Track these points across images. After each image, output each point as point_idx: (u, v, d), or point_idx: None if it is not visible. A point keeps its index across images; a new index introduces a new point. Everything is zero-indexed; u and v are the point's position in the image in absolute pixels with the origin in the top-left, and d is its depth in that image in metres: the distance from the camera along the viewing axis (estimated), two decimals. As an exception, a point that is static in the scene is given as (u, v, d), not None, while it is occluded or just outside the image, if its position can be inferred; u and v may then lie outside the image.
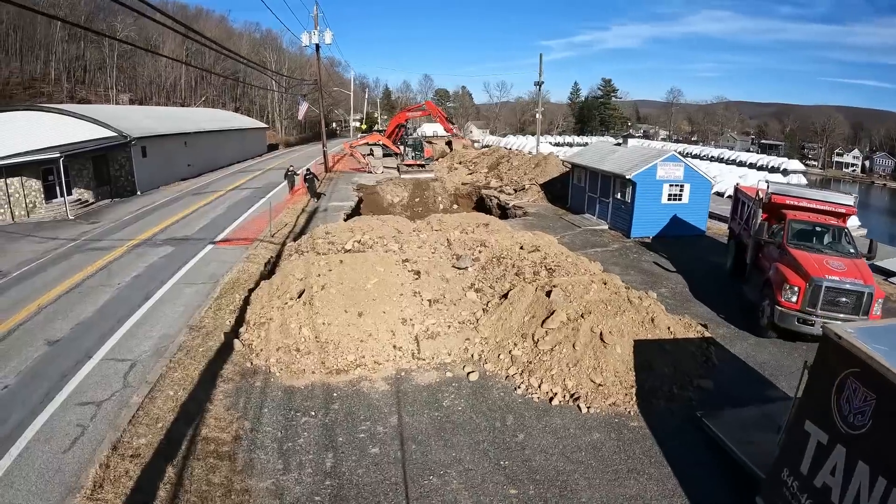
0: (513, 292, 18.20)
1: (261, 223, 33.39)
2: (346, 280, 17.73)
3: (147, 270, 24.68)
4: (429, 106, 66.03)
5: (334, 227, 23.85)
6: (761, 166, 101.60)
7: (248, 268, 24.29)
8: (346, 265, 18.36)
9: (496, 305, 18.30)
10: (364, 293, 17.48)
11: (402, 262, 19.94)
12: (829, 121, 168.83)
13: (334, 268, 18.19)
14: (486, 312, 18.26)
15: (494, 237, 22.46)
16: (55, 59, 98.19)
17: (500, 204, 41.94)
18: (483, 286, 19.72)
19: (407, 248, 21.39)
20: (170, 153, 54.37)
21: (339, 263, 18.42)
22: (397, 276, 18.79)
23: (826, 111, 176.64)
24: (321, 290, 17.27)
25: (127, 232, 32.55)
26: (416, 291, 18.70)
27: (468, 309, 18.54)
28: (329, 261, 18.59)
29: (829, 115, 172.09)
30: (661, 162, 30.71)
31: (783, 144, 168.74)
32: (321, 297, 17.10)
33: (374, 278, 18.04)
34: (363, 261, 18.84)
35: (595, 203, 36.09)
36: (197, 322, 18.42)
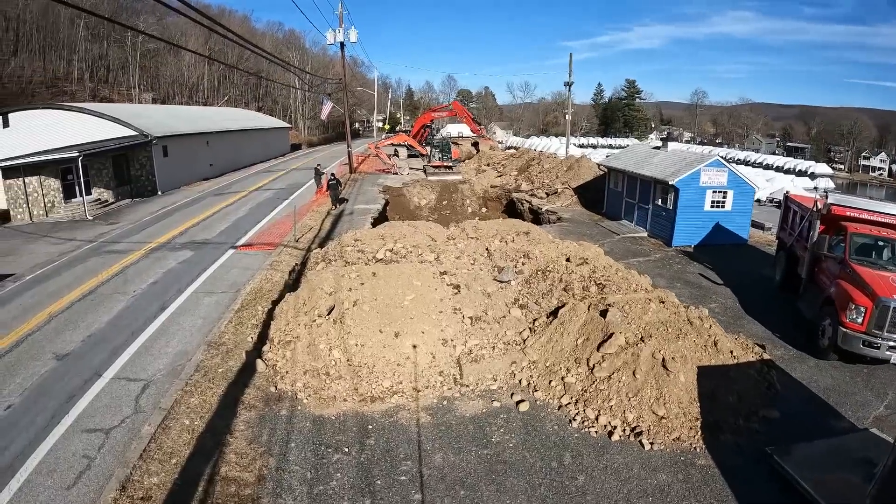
0: (563, 311, 16.47)
1: (284, 227, 31.88)
2: (380, 296, 16.08)
3: (164, 277, 23.19)
4: (455, 106, 64.26)
5: (364, 233, 22.23)
6: (788, 169, 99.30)
7: (271, 276, 22.73)
8: (379, 278, 16.71)
9: (544, 325, 16.61)
10: (400, 311, 15.82)
11: (440, 274, 18.28)
12: (855, 123, 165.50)
13: (367, 281, 16.54)
14: (534, 332, 16.56)
15: (538, 248, 20.73)
16: (78, 58, 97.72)
17: (532, 208, 40.18)
18: (528, 302, 18.04)
19: (444, 259, 19.72)
20: (191, 153, 53.21)
21: (371, 276, 16.76)
22: (435, 290, 17.12)
23: (852, 113, 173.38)
24: (353, 307, 15.62)
25: (145, 234, 31.19)
26: (457, 308, 17.02)
27: (513, 328, 16.84)
28: (361, 273, 16.95)
29: (855, 117, 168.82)
30: (704, 167, 28.89)
31: (809, 147, 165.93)
32: (353, 314, 15.45)
33: (411, 294, 16.38)
34: (398, 274, 17.16)
35: (633, 209, 34.29)
36: (216, 338, 16.84)
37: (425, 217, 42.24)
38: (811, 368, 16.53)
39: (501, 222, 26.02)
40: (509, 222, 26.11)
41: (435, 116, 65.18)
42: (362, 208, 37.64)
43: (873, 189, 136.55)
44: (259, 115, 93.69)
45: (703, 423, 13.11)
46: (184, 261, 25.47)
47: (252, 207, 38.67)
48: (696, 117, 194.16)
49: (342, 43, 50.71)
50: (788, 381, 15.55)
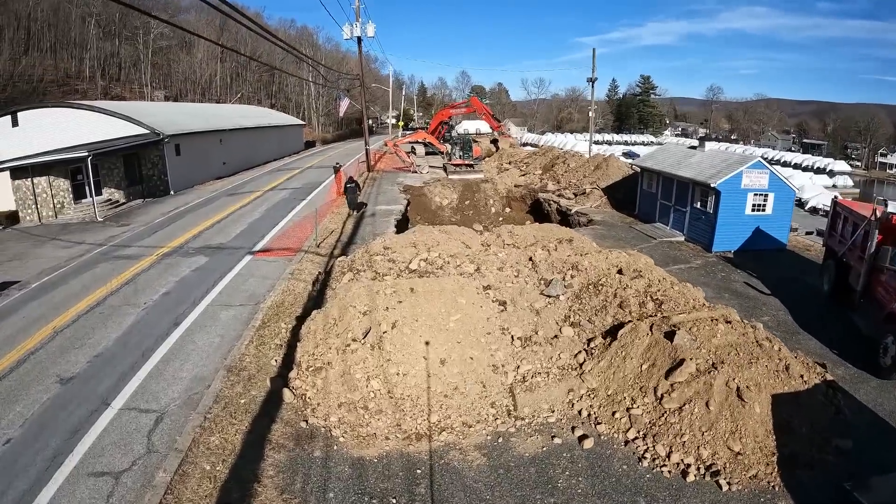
0: (624, 332, 14.71)
1: (303, 230, 30.16)
2: (421, 315, 14.31)
3: (177, 287, 21.49)
4: (474, 102, 62.22)
5: (394, 240, 20.43)
6: (806, 167, 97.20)
7: (293, 287, 20.94)
8: (419, 295, 14.94)
9: (602, 347, 14.87)
10: (445, 334, 14.07)
11: (484, 289, 16.53)
12: (872, 120, 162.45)
13: (405, 299, 14.76)
14: (591, 356, 14.82)
15: (587, 259, 18.85)
16: (89, 56, 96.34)
17: (561, 209, 38.30)
18: (580, 319, 16.28)
19: (486, 271, 17.95)
20: (204, 151, 51.57)
21: (409, 293, 14.99)
22: (481, 308, 15.38)
23: (868, 109, 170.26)
24: (393, 330, 13.87)
25: (157, 237, 29.55)
26: (504, 328, 15.30)
27: (567, 350, 15.10)
28: (397, 289, 15.17)
29: (873, 113, 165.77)
30: (746, 169, 27.13)
31: (825, 144, 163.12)
32: (393, 338, 13.70)
33: (456, 314, 14.63)
34: (439, 290, 15.39)
35: (669, 212, 32.47)
36: (236, 360, 15.08)
37: (447, 218, 40.47)
38: (874, 390, 15.03)
39: (538, 227, 24.20)
40: (546, 227, 24.30)
41: (453, 113, 63.19)
42: (384, 209, 35.85)
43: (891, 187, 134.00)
44: (272, 112, 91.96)
45: (779, 457, 11.73)
46: (198, 268, 23.78)
47: (268, 209, 36.96)
48: (711, 113, 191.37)
49: (359, 37, 48.91)
50: (854, 405, 14.07)
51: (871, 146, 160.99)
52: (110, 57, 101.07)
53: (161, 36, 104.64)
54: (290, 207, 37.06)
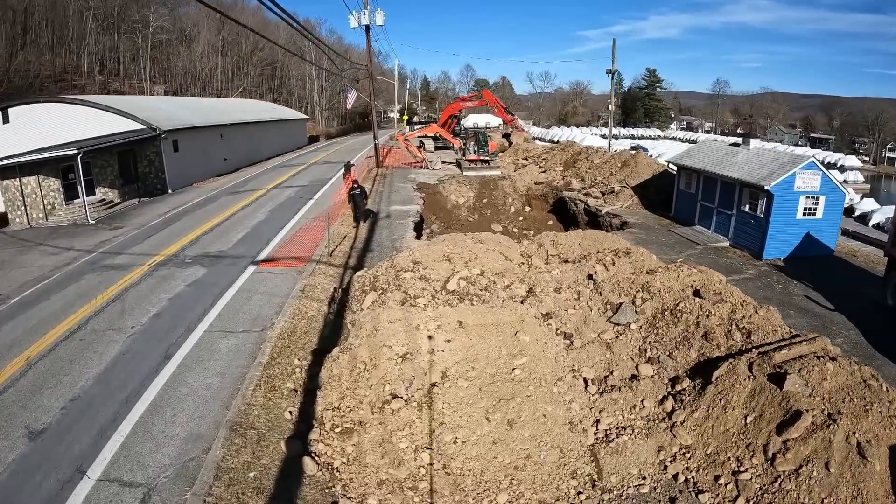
0: (720, 375, 11.84)
1: (313, 234, 27.09)
2: (477, 360, 11.34)
3: (170, 306, 18.39)
4: (485, 95, 58.89)
5: (424, 252, 17.30)
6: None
7: (305, 308, 17.76)
8: (470, 331, 11.95)
9: (693, 392, 12.00)
10: (510, 385, 11.12)
11: (544, 318, 13.53)
12: (881, 114, 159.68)
13: (453, 336, 11.78)
14: (680, 403, 11.97)
15: (658, 279, 15.82)
16: (87, 51, 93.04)
17: (589, 210, 35.16)
18: (658, 354, 13.41)
19: (542, 294, 15.00)
20: (204, 147, 48.36)
21: (458, 328, 11.98)
22: (545, 344, 12.44)
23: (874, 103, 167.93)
24: (444, 383, 10.87)
25: (151, 243, 26.50)
26: (574, 369, 12.44)
27: (651, 395, 12.25)
28: (442, 322, 12.18)
29: (882, 108, 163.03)
30: (799, 170, 24.73)
31: (833, 138, 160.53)
32: (446, 394, 10.76)
33: (521, 355, 11.67)
34: (494, 322, 12.41)
35: (711, 214, 29.69)
36: (241, 413, 11.96)
37: (464, 217, 37.43)
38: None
39: (582, 235, 21.16)
40: (591, 234, 21.26)
41: (464, 106, 59.77)
42: (399, 210, 32.73)
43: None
44: (275, 106, 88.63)
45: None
46: (194, 282, 20.68)
47: (272, 209, 33.86)
48: (718, 107, 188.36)
49: (367, 26, 45.72)
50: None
51: (880, 141, 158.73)
52: (109, 51, 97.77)
53: (160, 30, 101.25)
54: (297, 208, 33.97)
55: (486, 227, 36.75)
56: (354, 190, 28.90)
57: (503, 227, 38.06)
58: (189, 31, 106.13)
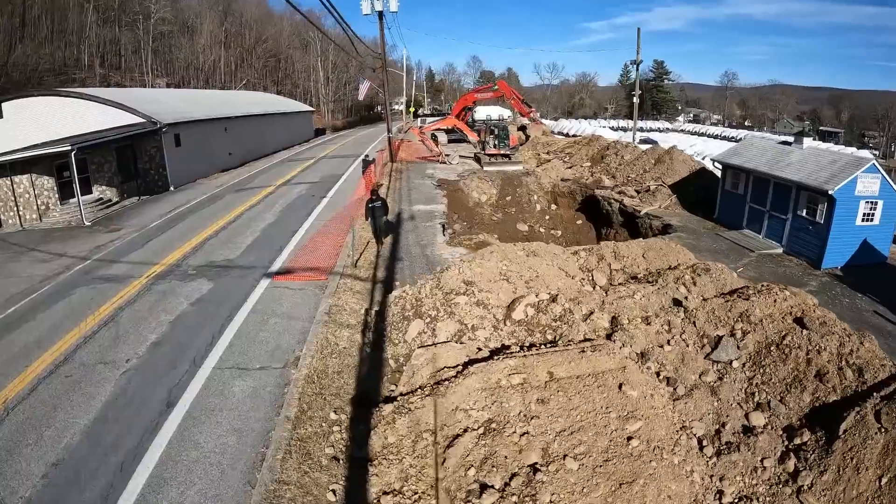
0: (848, 428, 9.27)
1: (331, 240, 24.15)
2: (584, 429, 8.58)
3: (172, 332, 15.44)
4: (501, 86, 55.69)
5: (476, 270, 14.38)
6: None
7: (334, 338, 14.71)
8: (564, 386, 9.22)
9: (817, 448, 9.56)
10: (629, 462, 8.48)
11: (640, 359, 10.64)
12: (891, 107, 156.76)
13: (547, 395, 8.94)
14: (804, 461, 9.66)
15: (758, 306, 12.93)
16: (87, 43, 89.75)
17: (625, 210, 32.12)
18: (768, 398, 11.09)
19: (628, 324, 12.21)
20: (207, 141, 45.31)
21: (548, 383, 9.17)
22: (652, 396, 9.66)
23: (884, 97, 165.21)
24: (547, 465, 7.96)
25: (151, 249, 23.57)
26: (685, 425, 9.54)
27: (770, 452, 10.22)
28: (528, 375, 9.32)
29: (891, 101, 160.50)
30: (861, 174, 22.74)
31: (842, 132, 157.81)
32: (552, 481, 7.81)
33: (634, 419, 9.11)
34: (591, 372, 9.75)
35: (762, 218, 27.07)
36: (270, 496, 8.98)
37: (487, 216, 34.37)
38: None
39: (646, 245, 18.30)
40: (655, 245, 18.41)
41: (479, 98, 56.61)
42: (423, 210, 29.72)
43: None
44: (280, 98, 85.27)
45: None
46: (199, 299, 17.70)
47: (283, 209, 30.87)
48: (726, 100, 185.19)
49: (380, 12, 42.65)
50: None
51: (890, 135, 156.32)
52: (110, 44, 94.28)
53: (162, 21, 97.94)
54: (310, 207, 30.99)
55: (511, 227, 33.92)
56: (374, 202, 23.35)
57: (529, 227, 35.15)
58: (191, 23, 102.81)
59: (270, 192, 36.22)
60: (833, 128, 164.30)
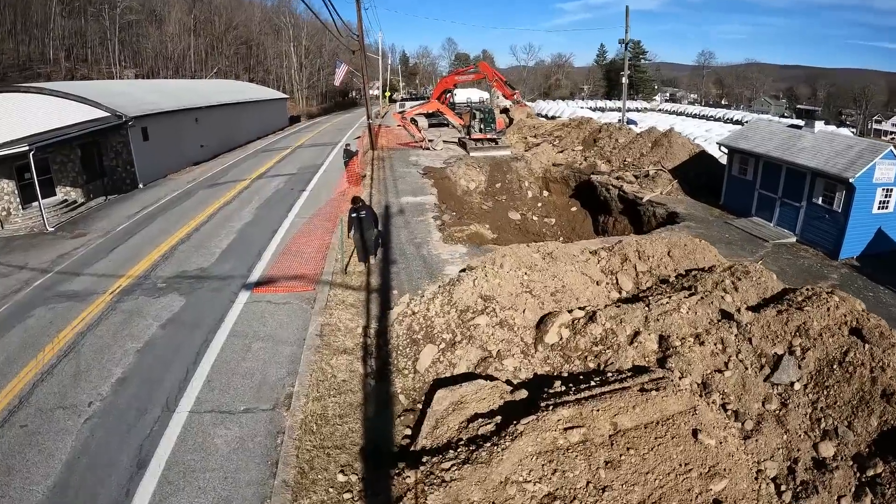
0: None
1: (315, 240, 22.01)
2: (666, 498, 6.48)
3: (140, 364, 13.22)
4: (483, 68, 53.22)
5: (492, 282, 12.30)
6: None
7: (330, 368, 12.53)
8: (633, 440, 7.41)
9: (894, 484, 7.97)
10: None
11: (702, 390, 9.13)
12: (868, 86, 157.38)
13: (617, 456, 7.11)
14: (882, 497, 8.58)
15: (814, 317, 11.16)
16: (52, 36, 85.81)
17: (625, 196, 30.11)
18: (835, 423, 9.78)
19: (681, 346, 10.49)
20: (177, 133, 42.48)
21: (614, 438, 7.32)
22: (726, 440, 7.94)
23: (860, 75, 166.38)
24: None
25: (117, 258, 21.19)
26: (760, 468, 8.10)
27: (846, 488, 8.94)
28: (588, 430, 7.43)
29: (868, 79, 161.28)
30: (880, 160, 21.52)
31: (819, 110, 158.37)
32: None
33: (716, 476, 7.69)
34: (659, 418, 7.94)
35: (773, 205, 25.57)
36: None
37: (477, 205, 32.28)
38: None
39: (670, 242, 16.35)
40: (679, 242, 16.46)
41: (459, 80, 54.12)
42: (412, 203, 27.54)
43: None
44: (253, 86, 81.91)
45: None
46: (170, 320, 15.46)
47: (260, 206, 28.56)
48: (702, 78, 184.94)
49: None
50: None
51: (867, 113, 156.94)
52: (75, 36, 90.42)
53: (129, 10, 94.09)
54: (289, 203, 28.73)
55: (503, 215, 31.94)
56: (360, 212, 18.58)
57: (521, 215, 33.20)
58: (159, 11, 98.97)
59: (246, 186, 33.86)
60: (810, 106, 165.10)
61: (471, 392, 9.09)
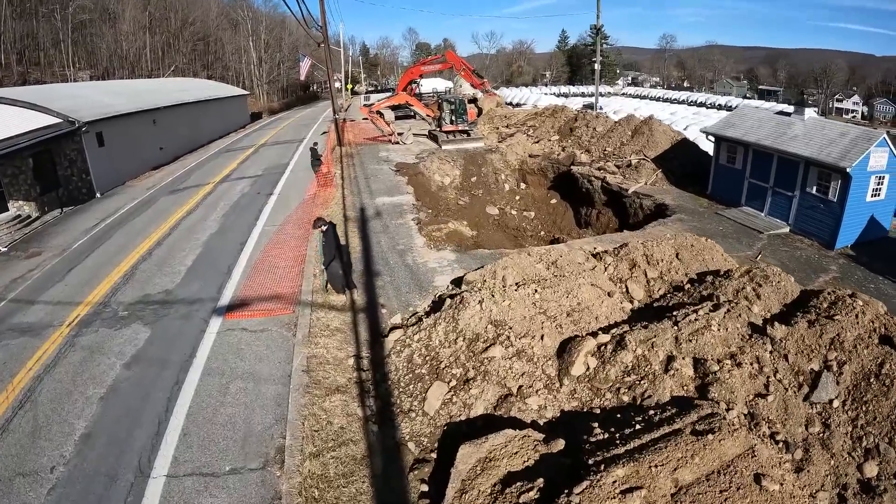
0: None
1: (289, 251, 20.39)
2: None
3: (104, 416, 11.52)
4: (450, 57, 51.31)
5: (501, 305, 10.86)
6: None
7: (325, 414, 10.88)
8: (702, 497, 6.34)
9: None
10: None
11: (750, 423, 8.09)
12: (829, 65, 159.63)
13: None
14: None
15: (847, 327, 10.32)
16: (3, 40, 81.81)
17: (609, 188, 28.82)
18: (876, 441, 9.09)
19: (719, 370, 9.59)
20: (135, 136, 40.08)
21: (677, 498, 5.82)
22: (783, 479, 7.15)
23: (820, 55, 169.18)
24: None
25: (74, 281, 19.28)
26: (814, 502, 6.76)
27: None
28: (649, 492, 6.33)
29: (828, 59, 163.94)
30: (874, 148, 21.16)
31: (781, 90, 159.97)
32: None
33: None
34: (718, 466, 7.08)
35: (764, 194, 24.81)
36: None
37: (453, 201, 30.87)
38: None
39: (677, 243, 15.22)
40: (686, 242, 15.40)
41: (426, 70, 52.16)
42: (388, 203, 25.92)
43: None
44: (212, 83, 78.85)
45: None
46: (136, 357, 13.73)
47: (226, 213, 26.73)
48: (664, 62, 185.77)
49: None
50: None
51: (828, 92, 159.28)
52: (27, 38, 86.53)
53: (81, 9, 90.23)
54: (257, 208, 26.97)
55: (480, 211, 30.62)
56: (321, 226, 16.27)
57: (499, 210, 31.92)
58: (112, 9, 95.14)
59: (209, 191, 31.94)
60: (771, 86, 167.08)
61: (499, 446, 7.73)
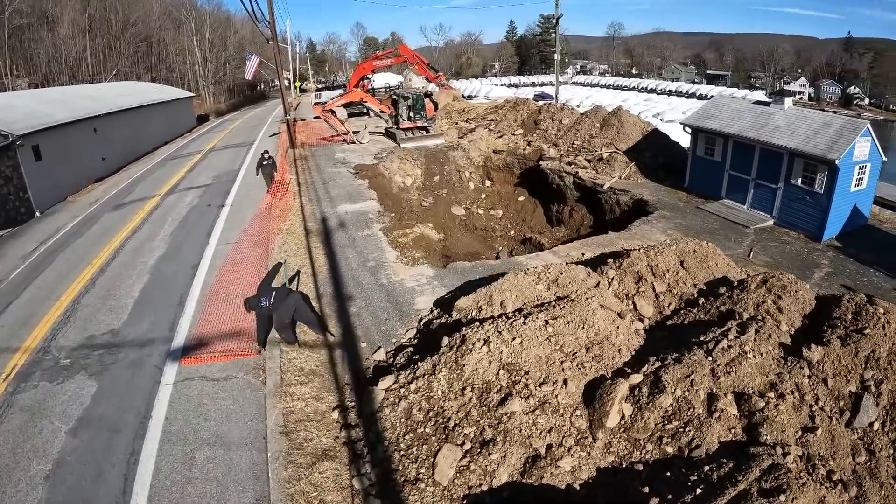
0: None
1: (247, 274, 18.30)
2: None
3: (51, 502, 9.57)
4: (403, 50, 49.15)
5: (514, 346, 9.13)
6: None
7: (316, 490, 8.88)
8: None
9: None
10: None
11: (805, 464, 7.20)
12: (775, 49, 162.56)
13: None
14: None
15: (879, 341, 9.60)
16: (-67, 50, 76.99)
17: (582, 184, 27.25)
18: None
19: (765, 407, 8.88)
20: (75, 147, 37.08)
21: None
22: None
23: (764, 39, 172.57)
24: None
25: (9, 321, 16.79)
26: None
27: None
28: None
29: (774, 42, 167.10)
30: (859, 139, 20.74)
31: (729, 74, 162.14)
32: None
33: None
34: None
35: (745, 187, 23.92)
36: None
37: (416, 202, 28.94)
38: None
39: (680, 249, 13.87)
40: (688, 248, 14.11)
41: (378, 65, 49.94)
42: (352, 212, 23.87)
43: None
44: (155, 85, 74.97)
45: None
46: (82, 421, 11.53)
47: (175, 230, 24.41)
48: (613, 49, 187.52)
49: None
50: None
51: (775, 75, 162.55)
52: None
53: (18, 13, 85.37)
54: (209, 224, 24.68)
55: (445, 212, 28.89)
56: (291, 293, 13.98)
57: (465, 209, 30.25)
58: (50, 12, 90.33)
59: (155, 205, 29.39)
60: (718, 71, 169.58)
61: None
